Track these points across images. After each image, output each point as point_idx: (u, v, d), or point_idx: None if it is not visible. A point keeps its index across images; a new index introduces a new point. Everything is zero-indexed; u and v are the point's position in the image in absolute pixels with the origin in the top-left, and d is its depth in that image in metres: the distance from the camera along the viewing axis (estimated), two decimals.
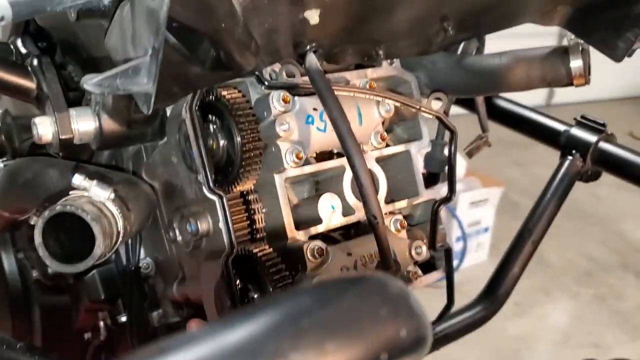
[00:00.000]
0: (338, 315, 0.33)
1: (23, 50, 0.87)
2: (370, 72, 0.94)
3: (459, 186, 3.53)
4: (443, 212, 0.96)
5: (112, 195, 0.68)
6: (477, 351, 2.94)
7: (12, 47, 0.87)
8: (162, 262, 1.03)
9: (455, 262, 3.60)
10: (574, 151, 1.13)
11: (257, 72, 0.81)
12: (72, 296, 1.15)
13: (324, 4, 0.70)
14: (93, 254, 0.64)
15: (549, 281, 3.56)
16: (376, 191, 0.90)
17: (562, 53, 0.98)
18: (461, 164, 3.46)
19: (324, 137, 0.84)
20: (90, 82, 0.50)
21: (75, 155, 0.92)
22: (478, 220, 3.67)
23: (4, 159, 1.01)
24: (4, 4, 0.49)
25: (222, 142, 0.81)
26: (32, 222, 1.06)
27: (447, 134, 0.98)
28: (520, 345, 3.10)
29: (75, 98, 0.87)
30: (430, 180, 1.07)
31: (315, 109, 0.83)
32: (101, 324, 1.13)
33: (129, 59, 0.55)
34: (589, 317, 3.39)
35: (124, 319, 1.10)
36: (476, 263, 3.70)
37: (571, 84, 0.99)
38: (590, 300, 3.52)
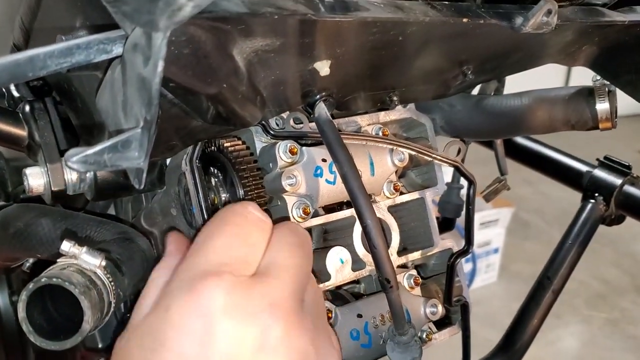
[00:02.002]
0: None
1: (15, 94, 0.82)
2: (383, 116, 0.89)
3: None
4: (459, 264, 0.90)
5: (104, 262, 0.62)
6: None
7: (3, 90, 0.82)
8: None
9: None
10: (596, 194, 1.08)
11: (262, 121, 0.75)
12: None
13: (335, 54, 0.64)
14: (81, 330, 0.59)
15: (560, 304, 3.47)
16: (388, 245, 0.84)
17: (587, 95, 0.93)
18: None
19: (333, 190, 0.79)
20: (74, 159, 0.44)
21: (70, 203, 0.87)
22: (488, 240, 3.61)
23: None
24: None
25: (224, 196, 0.75)
26: (24, 269, 1.01)
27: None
28: None
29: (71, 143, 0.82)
30: (446, 225, 1.01)
31: (324, 160, 0.78)
32: None
33: (120, 126, 0.50)
34: (601, 341, 3.31)
35: None
36: (485, 284, 3.63)
37: (597, 128, 0.93)
38: (603, 325, 3.45)
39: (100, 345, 1.05)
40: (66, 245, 0.61)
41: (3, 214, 0.87)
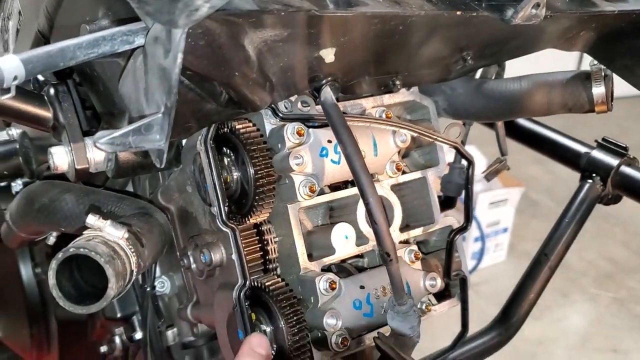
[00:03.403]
0: None
1: (40, 78, 0.87)
2: (388, 98, 0.93)
3: (478, 186, 3.50)
4: (459, 240, 0.95)
5: (126, 235, 0.68)
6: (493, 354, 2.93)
7: None
8: (177, 283, 1.04)
9: (473, 263, 3.58)
10: (594, 174, 1.11)
11: (272, 105, 0.80)
12: None
13: (340, 42, 0.69)
14: (106, 295, 0.64)
15: (568, 283, 3.52)
16: (390, 223, 0.89)
17: (584, 79, 0.96)
18: (481, 162, 3.43)
19: (338, 169, 0.83)
20: (102, 140, 0.49)
21: (91, 180, 0.93)
22: (497, 220, 3.64)
23: (24, 179, 1.02)
24: (16, 64, 0.49)
25: (235, 175, 0.80)
26: (48, 242, 1.07)
27: None
28: (537, 348, 3.08)
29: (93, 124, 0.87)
30: (447, 203, 1.06)
31: (329, 141, 0.83)
32: (117, 339, 1.14)
33: (142, 111, 0.55)
34: (607, 320, 3.35)
35: (138, 336, 1.11)
36: (494, 263, 3.67)
37: (593, 111, 0.97)
38: (610, 304, 3.48)
39: (119, 315, 1.12)
40: (91, 219, 0.66)
41: (28, 191, 0.93)
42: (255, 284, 0.81)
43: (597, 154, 1.14)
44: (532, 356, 3.02)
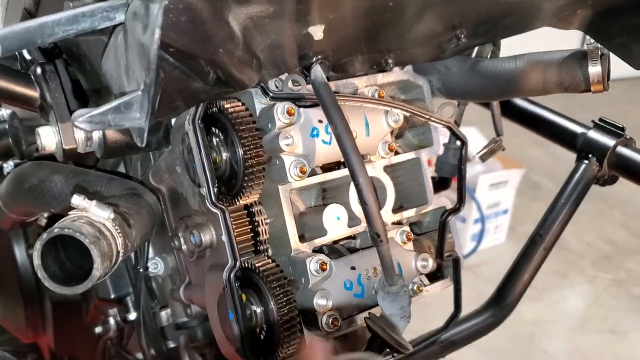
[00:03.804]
0: None
1: (27, 57, 0.86)
2: (381, 78, 0.92)
3: (478, 167, 3.49)
4: (452, 220, 0.94)
5: (112, 215, 0.67)
6: (490, 335, 2.94)
7: (16, 53, 0.86)
8: (170, 264, 1.03)
9: (473, 244, 3.58)
10: (590, 155, 1.10)
11: (262, 83, 0.79)
12: (82, 292, 1.17)
13: (328, 19, 0.68)
14: (92, 276, 0.64)
15: (567, 264, 3.53)
16: (381, 204, 0.88)
17: (580, 58, 0.95)
18: (482, 144, 3.42)
19: (329, 150, 0.82)
20: (81, 119, 0.48)
21: (82, 161, 0.92)
22: (497, 202, 3.64)
23: (15, 160, 1.01)
24: None
25: (225, 155, 0.79)
26: (40, 223, 1.07)
27: None
28: (535, 329, 3.09)
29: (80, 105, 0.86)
30: (441, 184, 1.05)
31: (320, 121, 0.81)
32: (111, 320, 1.14)
33: (123, 89, 0.54)
34: (606, 302, 3.36)
35: (132, 316, 1.11)
36: (494, 245, 3.67)
37: (589, 90, 0.95)
38: (608, 285, 3.49)
39: (112, 296, 1.11)
40: (76, 199, 0.66)
41: (18, 171, 0.92)
42: (246, 265, 0.80)
43: (594, 135, 1.12)
44: (530, 337, 3.03)
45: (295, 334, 0.79)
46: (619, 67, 1.01)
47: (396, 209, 0.93)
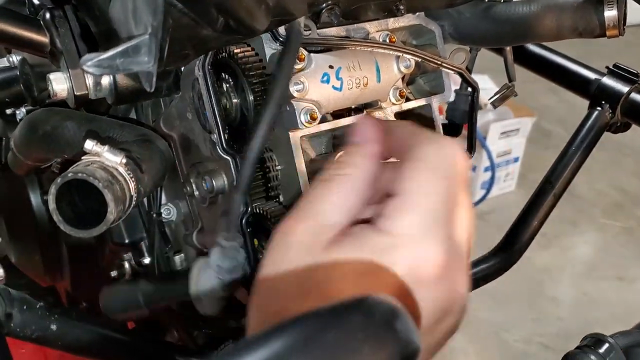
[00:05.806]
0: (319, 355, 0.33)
1: (36, 1, 0.85)
2: (392, 22, 0.91)
3: (490, 115, 3.47)
4: None
5: (124, 160, 0.68)
6: (501, 281, 2.98)
7: None
8: (182, 210, 1.05)
9: (482, 192, 3.59)
10: (603, 102, 1.09)
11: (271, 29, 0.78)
12: (97, 237, 1.19)
13: None
14: (105, 219, 0.65)
15: (577, 212, 3.53)
16: None
17: (595, 2, 0.93)
18: (493, 92, 3.39)
19: (340, 96, 0.82)
20: (89, 63, 0.49)
21: (92, 107, 0.92)
22: (508, 150, 3.63)
23: (27, 106, 1.02)
24: None
25: (235, 101, 0.79)
26: (54, 170, 1.08)
27: None
28: (544, 276, 3.12)
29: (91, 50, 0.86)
30: (452, 131, 1.05)
31: (331, 67, 0.81)
32: (126, 264, 1.16)
33: (131, 33, 0.54)
34: (615, 249, 3.37)
35: (147, 261, 1.14)
36: (503, 192, 3.68)
37: (604, 35, 0.94)
38: (618, 233, 3.50)
39: (127, 241, 1.13)
40: (89, 144, 0.66)
41: (31, 118, 0.93)
42: (258, 210, 0.81)
43: (608, 81, 1.11)
44: (538, 283, 3.07)
45: None
46: (636, 11, 0.99)
47: None
